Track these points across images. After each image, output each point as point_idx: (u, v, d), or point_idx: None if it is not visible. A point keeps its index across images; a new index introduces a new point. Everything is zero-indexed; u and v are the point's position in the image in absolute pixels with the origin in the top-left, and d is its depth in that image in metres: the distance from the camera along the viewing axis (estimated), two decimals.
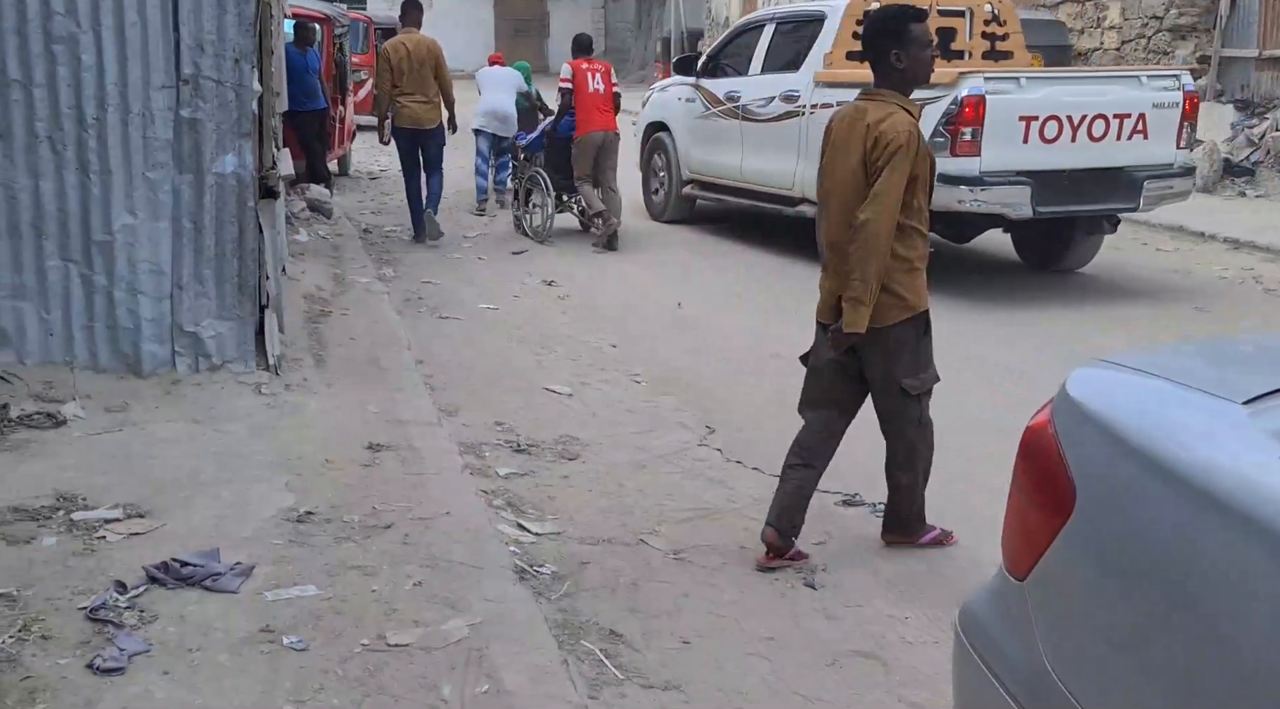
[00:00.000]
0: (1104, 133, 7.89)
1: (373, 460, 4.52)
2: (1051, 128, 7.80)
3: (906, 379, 3.98)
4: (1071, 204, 8.03)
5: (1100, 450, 1.79)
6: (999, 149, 7.70)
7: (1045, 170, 7.79)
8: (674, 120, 11.05)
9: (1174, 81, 8.21)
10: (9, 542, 3.59)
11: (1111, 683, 1.67)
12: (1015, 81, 7.91)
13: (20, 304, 5.06)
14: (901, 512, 4.17)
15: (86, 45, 4.96)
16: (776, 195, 9.57)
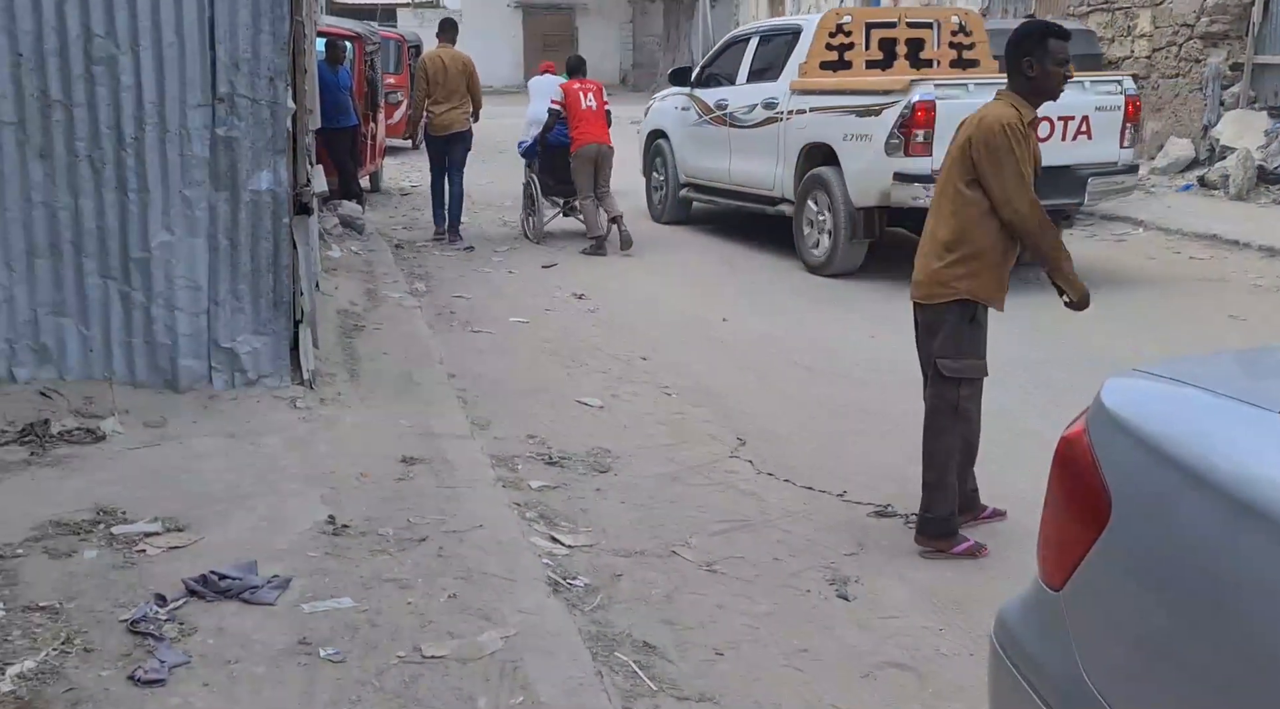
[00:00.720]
0: (1049, 134, 8.33)
1: (406, 473, 4.55)
2: None
3: (942, 359, 4.20)
4: None
5: (1136, 460, 1.78)
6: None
7: None
8: (671, 128, 11.73)
9: (1116, 86, 8.80)
10: (51, 555, 3.64)
11: (1149, 693, 1.66)
12: (964, 87, 8.47)
13: (61, 320, 5.14)
14: (930, 510, 4.18)
15: (125, 66, 5.04)
16: (759, 196, 10.22)
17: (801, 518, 4.50)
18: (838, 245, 9.08)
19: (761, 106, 10.10)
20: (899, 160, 8.43)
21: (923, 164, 8.33)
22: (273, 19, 5.15)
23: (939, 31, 10.33)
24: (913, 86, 8.42)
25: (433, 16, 31.41)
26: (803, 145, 9.52)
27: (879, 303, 8.12)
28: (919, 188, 8.29)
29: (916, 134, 8.35)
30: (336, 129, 10.76)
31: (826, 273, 9.22)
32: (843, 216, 8.98)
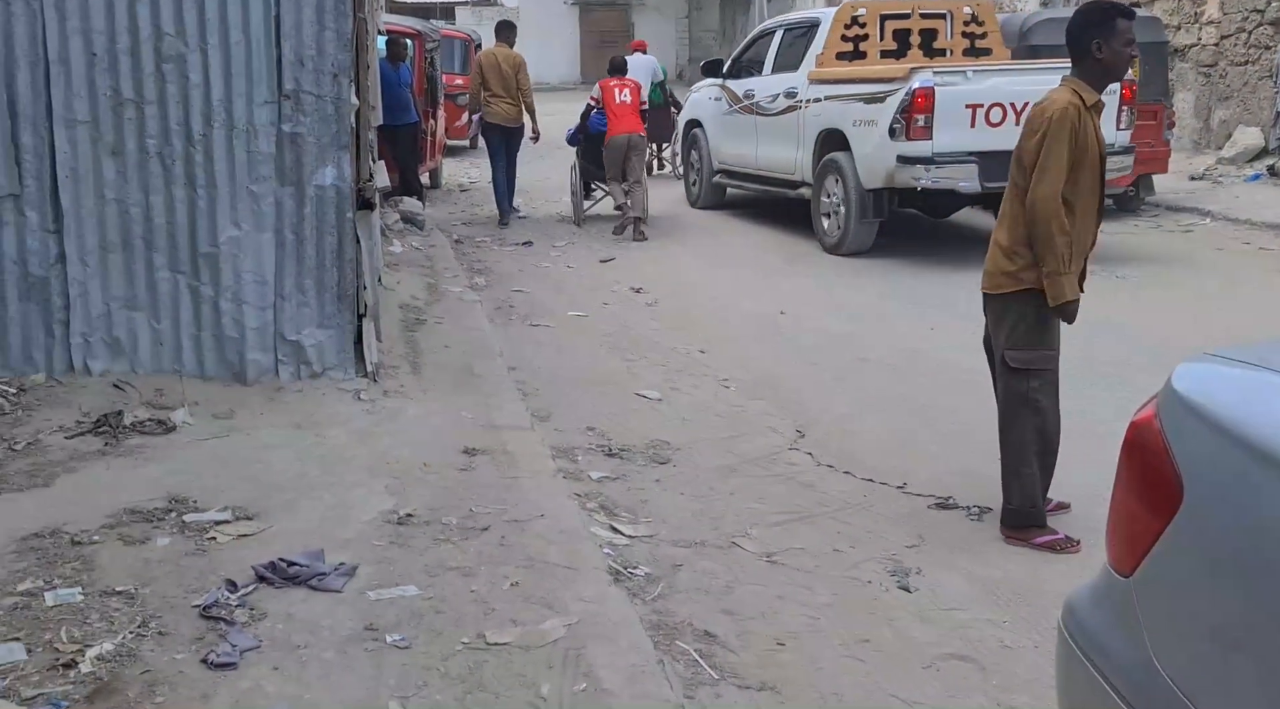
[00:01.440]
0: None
1: (469, 464, 4.60)
2: (996, 113, 8.94)
3: (1008, 350, 4.17)
4: None
5: (1208, 444, 1.76)
6: (949, 133, 8.91)
7: (991, 150, 8.66)
8: (706, 118, 12.44)
9: None
10: (126, 542, 3.74)
11: (1224, 680, 1.64)
12: (962, 74, 9.07)
13: (133, 314, 5.26)
14: (1009, 501, 4.17)
15: (194, 64, 5.15)
16: (782, 180, 10.87)
17: (861, 509, 4.48)
18: (849, 226, 9.62)
19: (783, 96, 10.70)
20: (901, 144, 8.99)
21: (923, 147, 8.93)
22: (336, 16, 5.23)
23: (951, 22, 10.75)
24: (912, 74, 8.99)
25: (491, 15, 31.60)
26: (819, 131, 10.11)
27: (935, 289, 8.05)
28: (920, 169, 8.97)
29: (917, 119, 8.89)
30: (398, 126, 10.89)
31: (840, 252, 9.75)
32: (854, 198, 9.52)
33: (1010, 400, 4.21)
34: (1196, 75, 14.69)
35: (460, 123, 16.92)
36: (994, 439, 5.14)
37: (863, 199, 9.47)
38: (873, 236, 9.69)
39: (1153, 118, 10.86)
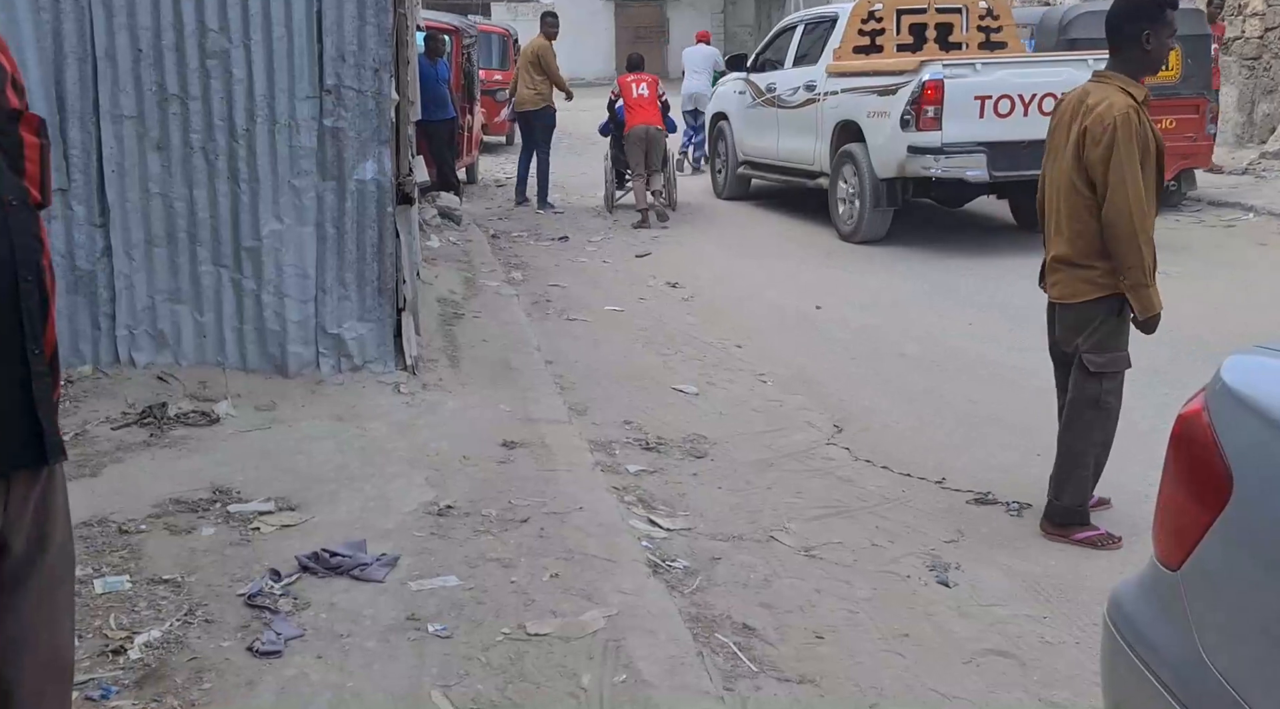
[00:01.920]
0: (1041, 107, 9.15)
1: (507, 457, 4.63)
2: (1004, 105, 9.25)
3: (1088, 354, 4.08)
4: (1027, 169, 8.86)
5: (1258, 436, 1.75)
6: (958, 124, 9.22)
7: (1000, 141, 9.17)
8: (731, 111, 12.72)
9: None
10: (172, 532, 3.79)
11: (1273, 674, 1.63)
12: (971, 67, 9.37)
13: (177, 308, 5.32)
14: (1058, 497, 4.13)
15: (237, 60, 5.20)
16: (802, 170, 11.20)
17: (899, 504, 4.47)
18: (864, 214, 9.88)
19: (803, 89, 11.05)
20: (912, 134, 9.29)
21: (933, 138, 9.26)
22: (377, 12, 5.27)
23: (967, 16, 11.00)
24: (923, 67, 9.27)
25: (526, 10, 31.70)
26: (835, 123, 10.41)
27: (970, 282, 8.01)
28: (929, 159, 9.29)
29: (927, 110, 9.19)
30: (435, 121, 10.93)
31: (855, 240, 10.01)
32: (868, 187, 9.78)
33: (1081, 403, 4.12)
34: (1240, 68, 14.50)
35: (500, 118, 16.96)
36: (1031, 434, 5.13)
37: (876, 188, 9.72)
38: (887, 225, 9.92)
39: (1195, 112, 10.73)
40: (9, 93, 1.82)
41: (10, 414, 1.82)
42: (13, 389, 1.81)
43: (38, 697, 1.92)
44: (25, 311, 1.80)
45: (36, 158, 1.88)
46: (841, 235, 10.23)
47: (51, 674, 1.96)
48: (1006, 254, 9.41)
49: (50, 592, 1.94)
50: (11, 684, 1.89)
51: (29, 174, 1.85)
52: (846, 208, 10.19)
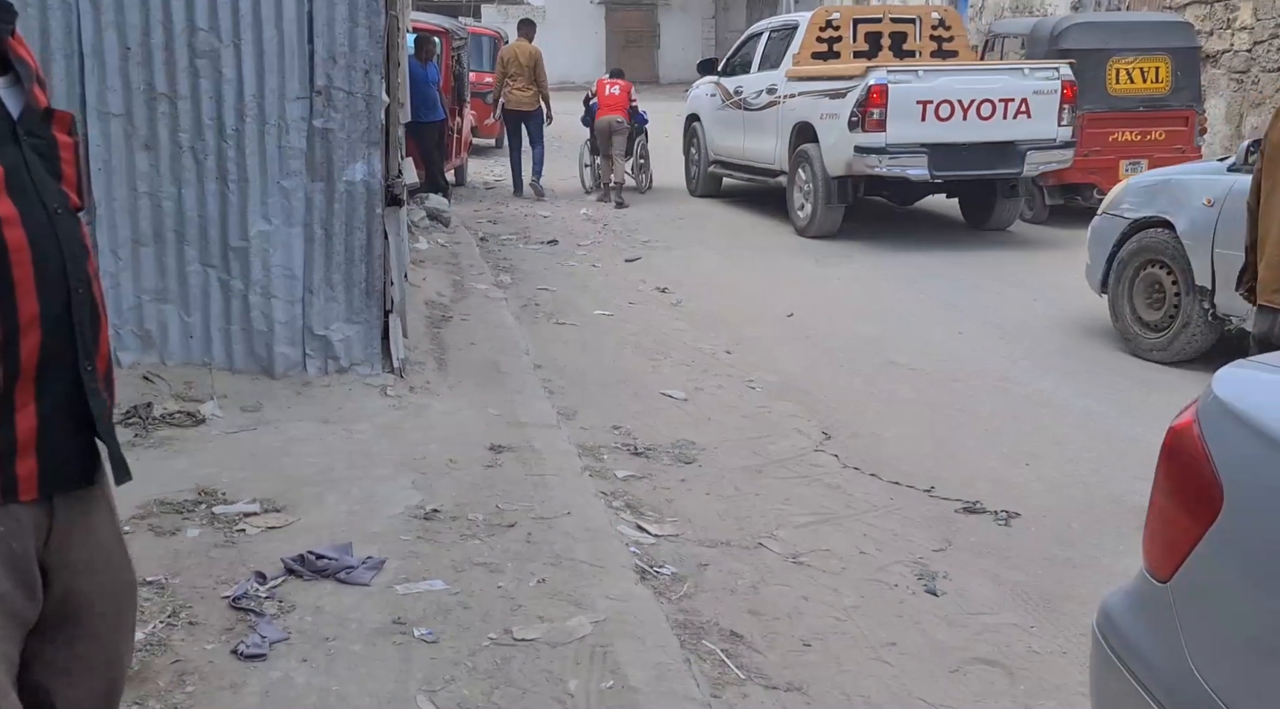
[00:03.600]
0: (992, 113, 9.92)
1: (495, 461, 4.61)
2: (945, 109, 9.86)
3: None
4: (965, 169, 10.10)
5: (1249, 449, 1.75)
6: (901, 126, 9.80)
7: (941, 142, 9.84)
8: (703, 112, 13.39)
9: (1054, 72, 10.07)
10: (156, 533, 3.76)
11: (1262, 687, 1.63)
12: (915, 73, 10.04)
13: (163, 307, 5.29)
14: None
15: (227, 59, 5.18)
16: (765, 169, 11.81)
17: (888, 512, 4.46)
18: (817, 210, 10.52)
19: (766, 92, 11.69)
20: (859, 135, 9.89)
21: (878, 138, 9.84)
22: (369, 13, 5.25)
23: (920, 26, 11.83)
24: (868, 72, 9.90)
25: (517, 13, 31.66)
26: (793, 124, 11.02)
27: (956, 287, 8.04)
28: (875, 158, 9.88)
29: (872, 112, 9.79)
30: (424, 123, 10.91)
31: (810, 235, 10.66)
32: (820, 185, 10.42)
33: None
34: (1229, 81, 14.56)
35: (490, 121, 16.95)
36: (1020, 443, 5.14)
37: (828, 186, 10.36)
38: (839, 221, 10.57)
39: (1184, 123, 10.78)
40: (37, 91, 1.72)
41: (62, 433, 1.71)
42: (66, 406, 1.70)
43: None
44: (77, 325, 1.70)
45: (72, 158, 1.77)
46: (797, 230, 10.91)
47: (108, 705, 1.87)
48: (999, 261, 9.45)
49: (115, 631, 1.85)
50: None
51: (66, 177, 1.74)
52: (802, 204, 10.81)
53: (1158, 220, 6.65)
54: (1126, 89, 10.71)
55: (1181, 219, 6.46)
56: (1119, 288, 6.91)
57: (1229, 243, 6.02)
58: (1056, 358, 6.69)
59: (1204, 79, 13.26)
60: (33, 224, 1.64)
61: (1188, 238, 6.39)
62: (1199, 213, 6.33)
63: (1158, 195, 6.75)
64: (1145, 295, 6.76)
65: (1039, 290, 7.98)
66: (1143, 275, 6.78)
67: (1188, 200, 6.47)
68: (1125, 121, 10.67)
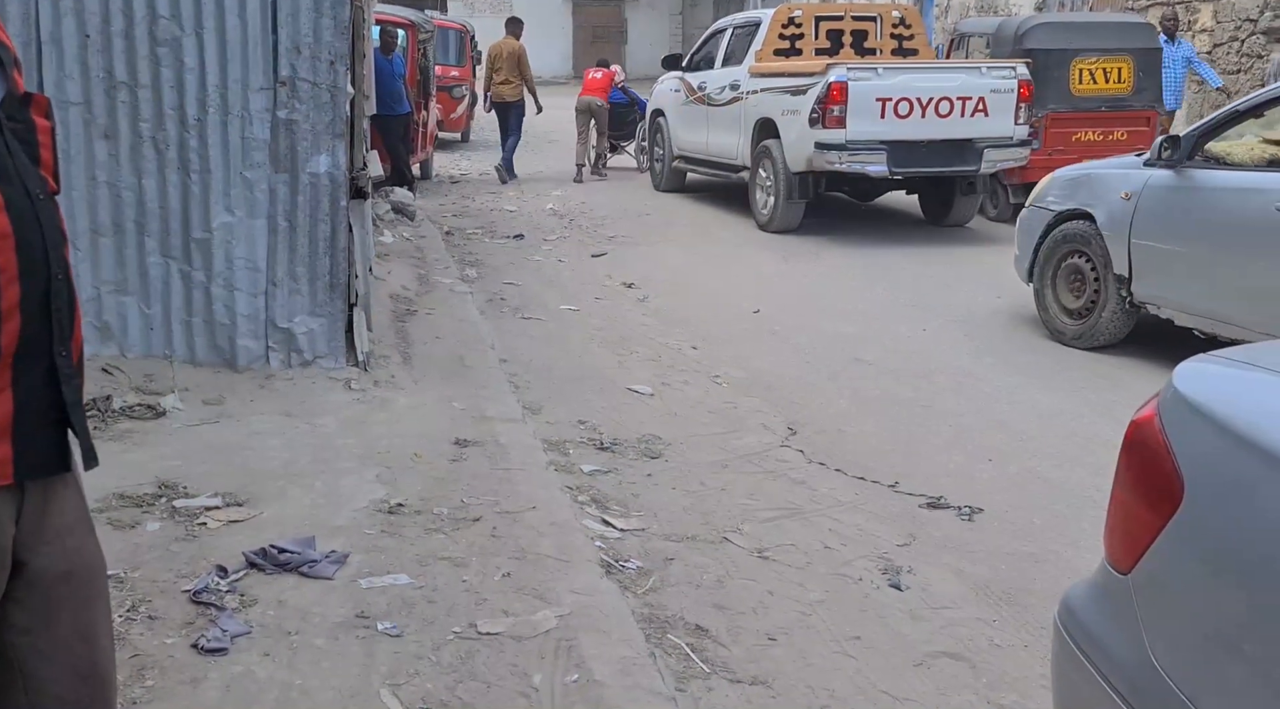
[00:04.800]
0: (949, 111, 10.11)
1: (460, 455, 4.59)
2: (904, 107, 10.02)
3: None
4: (924, 166, 10.30)
5: (1211, 444, 1.77)
6: (861, 123, 9.97)
7: (899, 139, 10.04)
8: (667, 107, 13.57)
9: (1011, 71, 10.24)
10: (115, 526, 3.71)
11: (1224, 680, 1.65)
12: (874, 71, 10.15)
13: (123, 299, 5.23)
14: None
15: (189, 48, 5.12)
16: (728, 164, 11.96)
17: (852, 508, 4.48)
18: (778, 205, 10.66)
19: (729, 88, 11.87)
20: (819, 132, 10.04)
21: (838, 135, 9.99)
22: (333, 3, 5.21)
23: (881, 24, 12.00)
24: (829, 69, 10.03)
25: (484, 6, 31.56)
26: (756, 120, 11.16)
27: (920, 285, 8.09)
28: (834, 155, 10.04)
29: (832, 109, 9.96)
30: (390, 116, 10.84)
31: (771, 229, 10.80)
32: (782, 180, 10.56)
33: None
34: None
35: (455, 115, 16.92)
36: (983, 439, 5.18)
37: (789, 181, 10.50)
38: (800, 216, 10.74)
39: (1145, 124, 10.90)
40: (16, 75, 1.72)
41: (38, 419, 1.72)
42: (42, 393, 1.71)
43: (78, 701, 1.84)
44: (55, 311, 1.71)
45: (50, 143, 1.78)
46: (759, 225, 11.03)
47: (93, 684, 1.88)
48: (964, 258, 9.51)
49: (87, 608, 1.86)
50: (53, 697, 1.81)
51: (44, 162, 1.75)
52: (764, 199, 10.97)
53: (1080, 212, 6.96)
54: (1089, 89, 10.81)
55: (1101, 211, 6.77)
56: (1044, 277, 7.21)
57: (1145, 233, 6.46)
58: (1020, 355, 6.74)
59: None
60: (16, 210, 1.64)
61: (1107, 229, 6.70)
62: (1117, 205, 6.65)
63: (1080, 188, 7.04)
64: (1068, 284, 7.06)
65: (1002, 287, 8.03)
66: (1065, 265, 7.07)
67: (1107, 193, 6.77)
68: (1088, 121, 10.77)
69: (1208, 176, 6.19)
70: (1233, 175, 6.09)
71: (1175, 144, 6.30)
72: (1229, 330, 5.99)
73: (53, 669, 1.80)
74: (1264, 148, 6.14)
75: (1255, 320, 5.79)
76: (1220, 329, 6.08)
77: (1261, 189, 5.83)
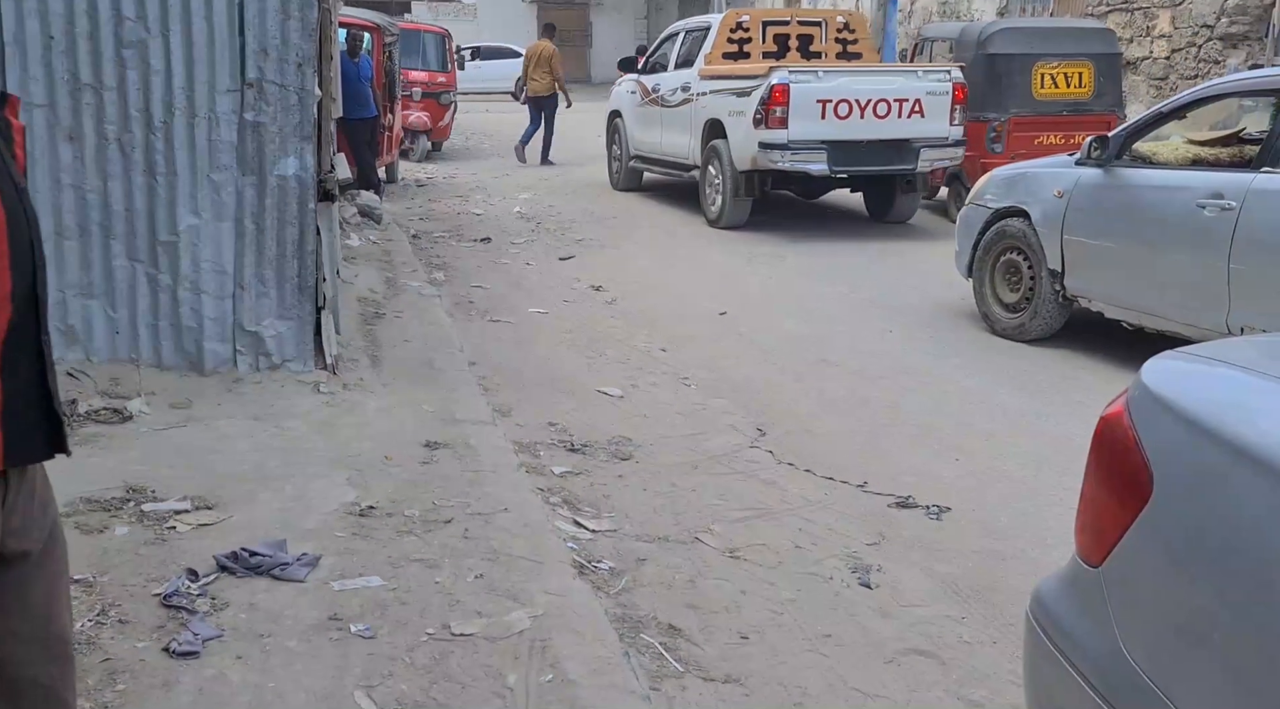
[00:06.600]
0: (887, 112, 10.48)
1: (430, 458, 4.58)
2: (844, 108, 10.39)
3: None
4: (863, 165, 10.67)
5: (1179, 438, 1.80)
6: (802, 124, 10.33)
7: (839, 139, 10.41)
8: (624, 109, 13.88)
9: (945, 75, 10.64)
10: (83, 531, 3.68)
11: (1193, 671, 1.68)
12: (815, 73, 10.53)
13: (88, 302, 5.18)
14: None
15: (155, 50, 5.08)
16: (680, 164, 12.32)
17: (822, 507, 4.51)
18: (726, 203, 11.04)
19: (681, 89, 12.23)
20: (763, 132, 10.39)
21: (780, 135, 10.35)
22: (300, 5, 5.18)
23: (826, 29, 12.51)
24: (771, 72, 10.39)
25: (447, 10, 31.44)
26: (705, 121, 11.50)
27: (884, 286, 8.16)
28: (777, 154, 10.39)
29: (775, 110, 10.30)
30: (356, 120, 10.80)
31: (720, 226, 11.17)
32: (729, 179, 10.93)
33: None
34: (1148, 87, 14.95)
35: (444, 123, 16.71)
36: (951, 439, 5.23)
37: (736, 180, 10.87)
38: (747, 213, 11.12)
39: (1106, 128, 11.02)
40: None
41: (28, 405, 1.76)
42: (31, 379, 1.76)
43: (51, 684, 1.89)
44: (42, 300, 1.76)
45: (22, 142, 1.83)
46: (708, 221, 11.41)
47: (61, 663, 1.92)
48: (929, 261, 9.59)
49: (55, 583, 1.91)
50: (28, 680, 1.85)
51: (18, 159, 1.80)
52: (713, 197, 11.31)
53: (1016, 210, 7.19)
54: (1051, 93, 10.94)
55: (1036, 208, 7.02)
56: (982, 272, 7.45)
57: (1076, 230, 6.72)
58: (985, 355, 6.82)
59: (1125, 85, 13.60)
60: (7, 200, 1.68)
61: (1041, 225, 6.96)
62: (1050, 203, 6.90)
63: (1015, 186, 7.27)
64: (1005, 279, 7.30)
65: (965, 289, 8.11)
66: (1003, 260, 7.31)
67: (1041, 191, 7.01)
68: (1050, 125, 10.91)
69: (1134, 175, 6.46)
70: (1157, 173, 6.37)
71: (1104, 144, 6.54)
72: (1155, 322, 6.23)
73: (27, 650, 1.84)
74: (1188, 148, 6.50)
75: (1178, 312, 6.04)
76: (1146, 321, 6.31)
77: (1184, 187, 6.08)
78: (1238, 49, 13.73)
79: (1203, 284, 5.85)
